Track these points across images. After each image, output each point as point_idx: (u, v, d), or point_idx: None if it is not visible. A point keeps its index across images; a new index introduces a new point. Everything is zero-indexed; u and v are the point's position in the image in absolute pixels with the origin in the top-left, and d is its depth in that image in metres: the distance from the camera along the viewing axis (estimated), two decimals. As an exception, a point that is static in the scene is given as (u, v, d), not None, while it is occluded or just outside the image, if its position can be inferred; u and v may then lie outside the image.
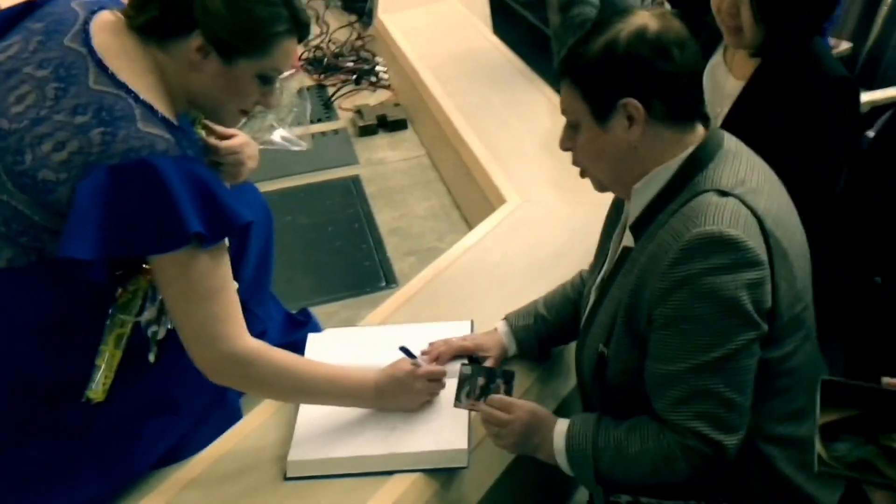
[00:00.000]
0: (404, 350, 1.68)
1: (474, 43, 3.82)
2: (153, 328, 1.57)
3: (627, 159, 1.37)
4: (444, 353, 1.76)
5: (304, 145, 2.63)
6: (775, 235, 1.32)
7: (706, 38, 1.99)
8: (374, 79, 3.74)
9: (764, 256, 1.29)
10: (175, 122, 1.41)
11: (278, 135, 2.37)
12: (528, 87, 3.28)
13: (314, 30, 4.26)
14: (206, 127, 1.70)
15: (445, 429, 1.60)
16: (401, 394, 1.62)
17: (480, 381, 1.58)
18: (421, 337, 1.83)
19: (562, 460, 1.46)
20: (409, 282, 2.33)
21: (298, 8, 1.44)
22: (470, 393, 1.58)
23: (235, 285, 1.60)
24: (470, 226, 2.63)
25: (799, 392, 1.40)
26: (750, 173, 1.36)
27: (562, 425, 1.47)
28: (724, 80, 1.89)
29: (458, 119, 2.97)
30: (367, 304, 2.31)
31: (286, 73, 2.34)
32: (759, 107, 1.83)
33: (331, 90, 3.69)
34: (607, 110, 1.34)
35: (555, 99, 3.14)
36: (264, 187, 2.90)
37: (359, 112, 3.40)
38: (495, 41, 3.80)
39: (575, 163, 1.46)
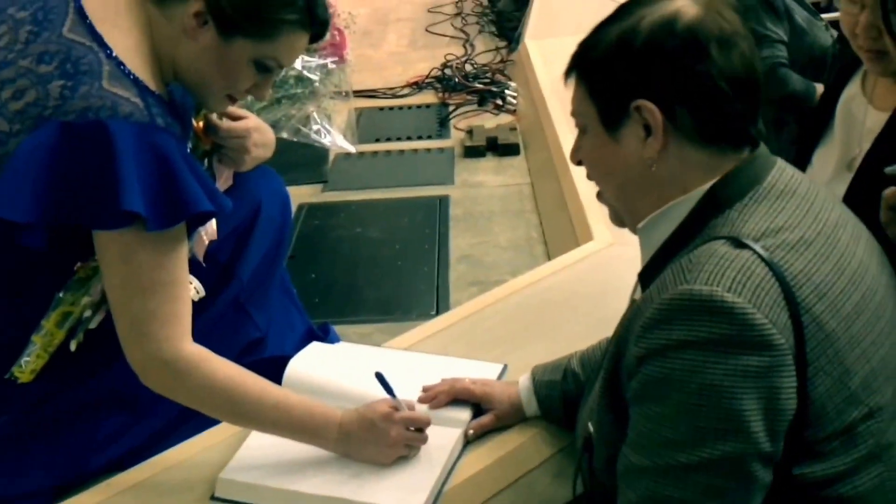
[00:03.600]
0: (379, 378, 1.34)
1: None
2: (87, 313, 1.38)
3: (641, 181, 1.06)
4: (442, 394, 1.42)
5: (351, 147, 2.38)
6: (813, 310, 0.95)
7: (841, 64, 1.64)
8: (499, 101, 3.49)
9: (781, 338, 0.92)
10: (151, 87, 1.24)
11: (316, 129, 2.11)
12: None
13: (457, 51, 4.12)
14: None
15: (406, 483, 1.24)
16: (371, 441, 1.30)
17: None
18: (438, 371, 1.51)
19: None
20: (459, 313, 2.05)
21: (318, 2, 1.31)
22: None
23: (194, 287, 1.44)
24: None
25: None
26: (798, 221, 1.01)
27: None
28: (862, 114, 1.55)
29: (569, 147, 2.63)
30: (406, 332, 2.00)
31: (329, 62, 2.11)
32: None
33: (452, 108, 3.48)
34: (618, 115, 1.04)
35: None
36: (346, 196, 2.70)
37: (469, 132, 3.14)
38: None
39: (589, 177, 1.15)
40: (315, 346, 1.62)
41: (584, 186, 2.35)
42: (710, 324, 0.91)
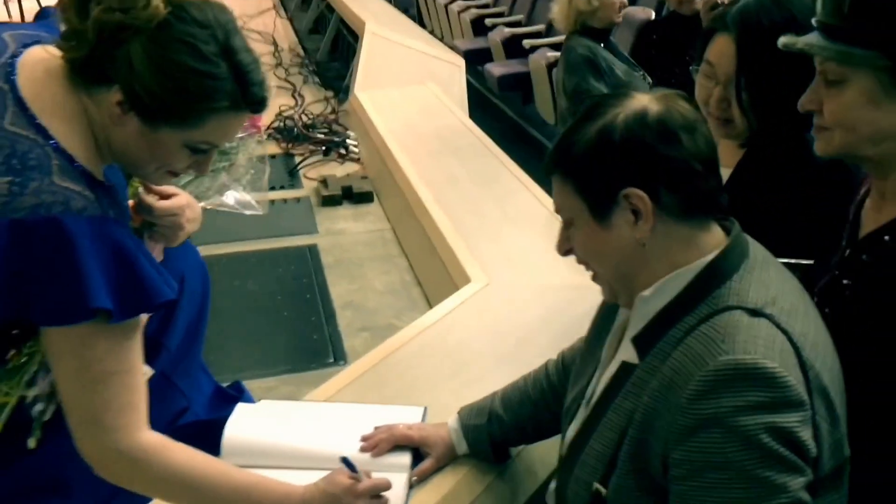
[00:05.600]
0: (346, 462, 1.43)
1: (447, 123, 3.77)
2: (39, 406, 1.36)
3: (634, 259, 1.17)
4: (383, 442, 1.54)
5: (259, 210, 2.46)
6: (815, 368, 1.08)
7: None
8: (343, 151, 3.64)
9: (805, 395, 1.05)
10: (99, 177, 1.24)
11: (232, 196, 2.17)
12: (497, 166, 3.18)
13: (287, 101, 4.21)
14: (143, 182, 1.52)
15: None
16: None
17: None
18: (366, 419, 1.63)
19: None
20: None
21: (252, 81, 1.24)
22: None
23: (147, 371, 1.42)
24: (431, 305, 2.45)
25: None
26: (781, 288, 1.15)
27: None
28: None
29: (424, 193, 2.83)
30: (311, 381, 2.10)
31: (244, 134, 2.18)
32: (748, 194, 1.71)
33: (298, 159, 3.58)
34: (607, 205, 1.15)
35: (524, 177, 3.07)
36: (215, 250, 2.74)
37: (324, 182, 3.27)
38: (469, 123, 3.75)
39: (580, 261, 1.25)
40: (242, 410, 1.66)
41: (448, 230, 2.55)
42: (756, 388, 1.02)
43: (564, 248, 1.24)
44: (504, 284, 2.27)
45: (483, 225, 2.61)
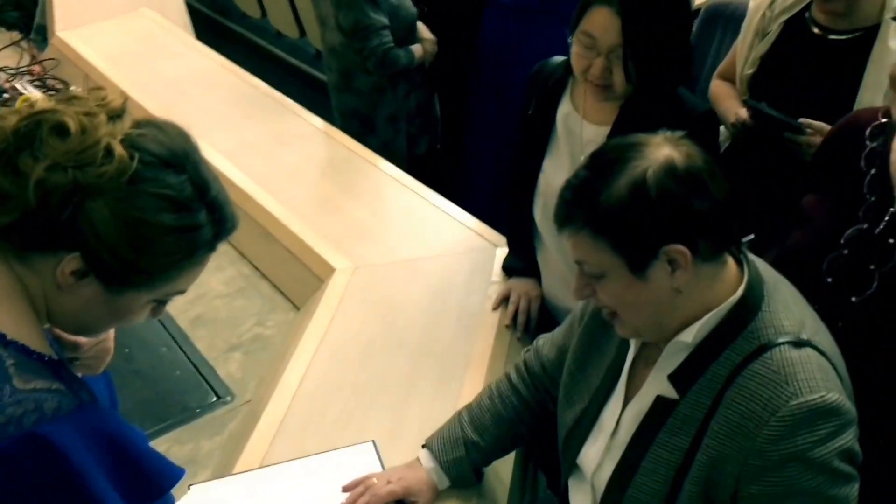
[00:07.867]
0: None
1: (197, 63, 3.40)
2: None
3: (669, 306, 1.20)
4: None
5: None
6: (844, 378, 1.20)
7: (547, 86, 1.89)
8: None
9: (854, 410, 1.16)
10: (55, 356, 1.00)
11: None
12: (289, 116, 2.95)
13: None
14: None
15: None
16: None
17: None
18: (322, 473, 1.55)
19: None
20: (247, 389, 1.97)
21: (227, 217, 1.08)
22: None
23: None
24: (290, 300, 2.23)
25: None
26: (801, 309, 1.23)
27: None
28: (579, 128, 1.86)
29: (223, 163, 2.54)
30: (204, 430, 1.84)
31: None
32: None
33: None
34: (646, 260, 1.16)
35: (316, 121, 2.90)
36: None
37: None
38: (222, 60, 3.42)
39: (602, 304, 1.25)
40: None
41: (280, 212, 2.33)
42: (827, 422, 1.12)
43: (584, 294, 1.24)
44: (370, 266, 2.15)
45: (316, 197, 2.42)
